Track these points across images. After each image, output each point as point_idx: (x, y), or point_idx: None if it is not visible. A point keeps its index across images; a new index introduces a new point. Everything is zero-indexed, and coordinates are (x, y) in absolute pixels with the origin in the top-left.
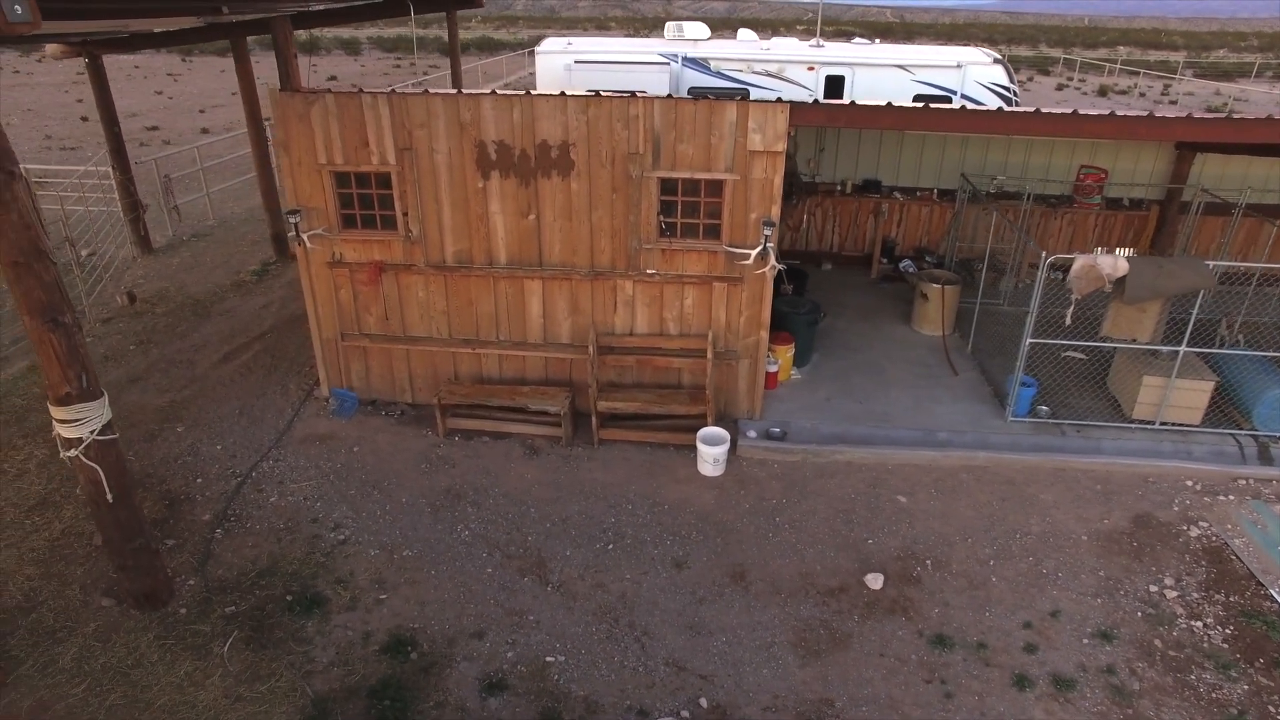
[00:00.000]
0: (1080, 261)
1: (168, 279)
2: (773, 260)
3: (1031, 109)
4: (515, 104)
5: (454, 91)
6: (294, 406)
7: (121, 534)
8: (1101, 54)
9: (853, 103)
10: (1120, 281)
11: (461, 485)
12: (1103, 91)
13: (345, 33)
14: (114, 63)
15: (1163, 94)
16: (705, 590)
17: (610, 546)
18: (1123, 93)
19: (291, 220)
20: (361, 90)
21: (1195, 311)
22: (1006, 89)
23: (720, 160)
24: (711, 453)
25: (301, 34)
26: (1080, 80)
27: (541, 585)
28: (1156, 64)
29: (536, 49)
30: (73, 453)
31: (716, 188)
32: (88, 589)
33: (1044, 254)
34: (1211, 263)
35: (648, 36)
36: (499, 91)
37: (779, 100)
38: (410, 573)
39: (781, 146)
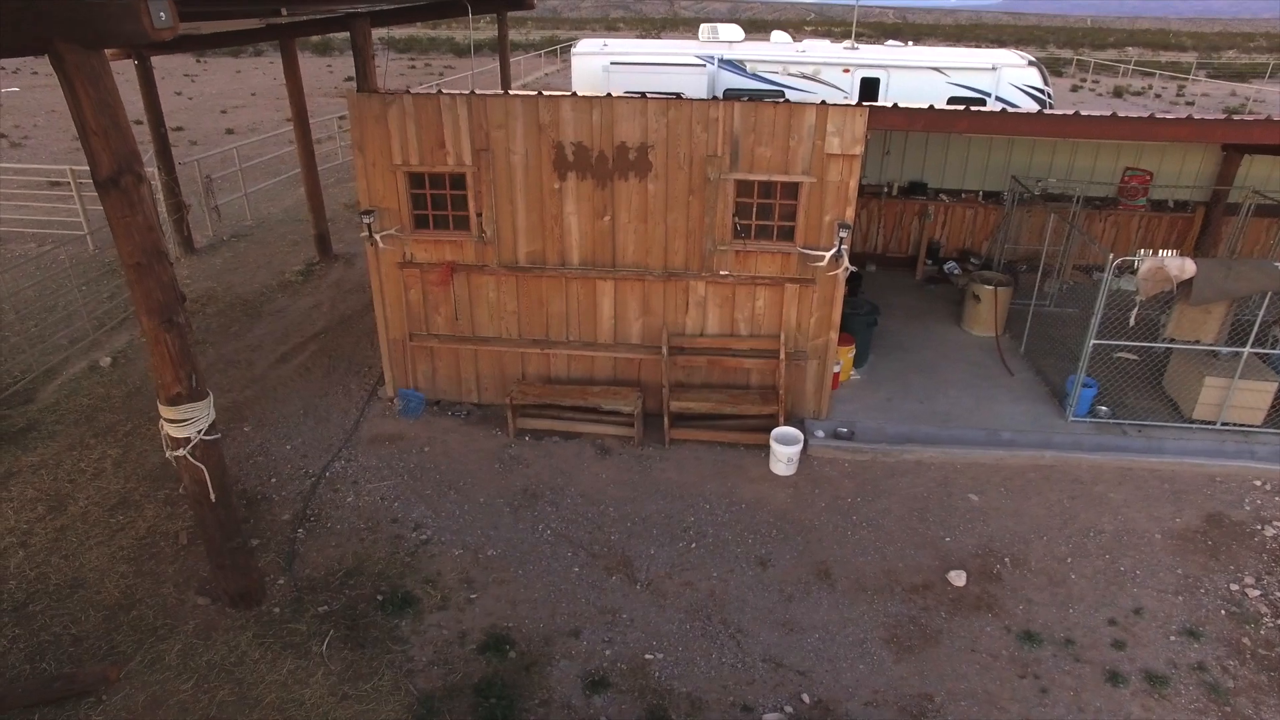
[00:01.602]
0: (1149, 263)
1: (214, 279)
2: (846, 262)
3: (1108, 113)
4: (595, 105)
5: (534, 94)
6: (358, 406)
7: (221, 533)
8: (1111, 55)
9: (931, 107)
10: (1186, 283)
11: (537, 485)
12: (1118, 93)
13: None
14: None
15: (1178, 95)
16: (792, 588)
17: (693, 545)
18: (1137, 94)
19: (365, 221)
20: (440, 91)
21: (1261, 313)
22: (1041, 91)
23: (798, 163)
24: (786, 452)
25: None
26: (1094, 81)
27: (630, 584)
28: (1167, 64)
29: (572, 50)
30: (180, 452)
31: (792, 190)
32: (181, 587)
33: (1111, 256)
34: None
35: (683, 37)
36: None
37: (859, 104)
38: (497, 572)
39: (859, 150)
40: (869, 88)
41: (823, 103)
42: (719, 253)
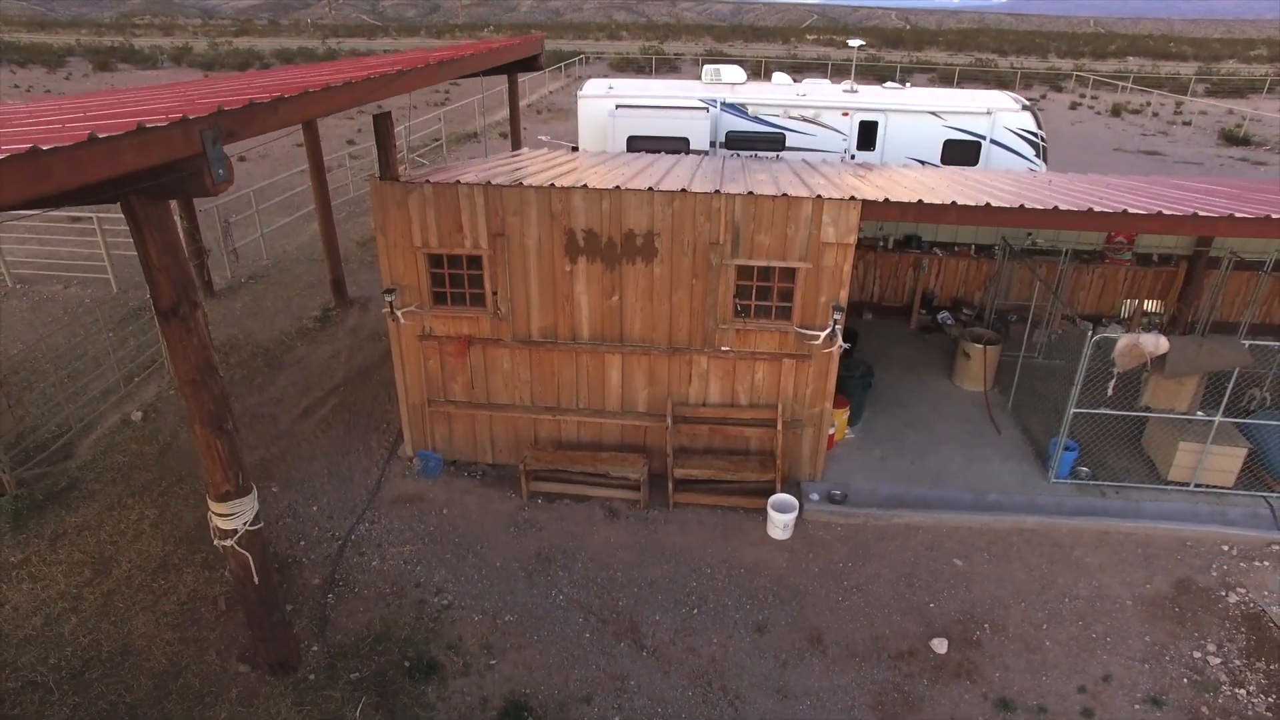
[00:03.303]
0: (1125, 340)
1: (234, 325)
2: (840, 341)
3: (1084, 209)
4: (604, 196)
5: (547, 185)
6: (379, 466)
7: (263, 609)
8: (1111, 65)
9: (920, 201)
10: (1161, 358)
11: (550, 549)
12: (1116, 111)
13: (362, 47)
14: (140, 79)
15: (1175, 113)
16: (787, 654)
17: (695, 611)
18: (1135, 111)
19: (387, 299)
20: (459, 181)
21: (1230, 386)
22: (1035, 135)
23: (795, 250)
24: (782, 519)
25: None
26: (1093, 98)
27: (637, 649)
28: (1167, 77)
29: (578, 93)
30: (228, 542)
31: (790, 274)
32: (223, 654)
33: (1089, 333)
34: (1248, 342)
35: (683, 78)
36: (588, 186)
37: (851, 199)
38: (514, 638)
39: (853, 239)
40: (867, 131)
41: (818, 197)
42: (721, 330)
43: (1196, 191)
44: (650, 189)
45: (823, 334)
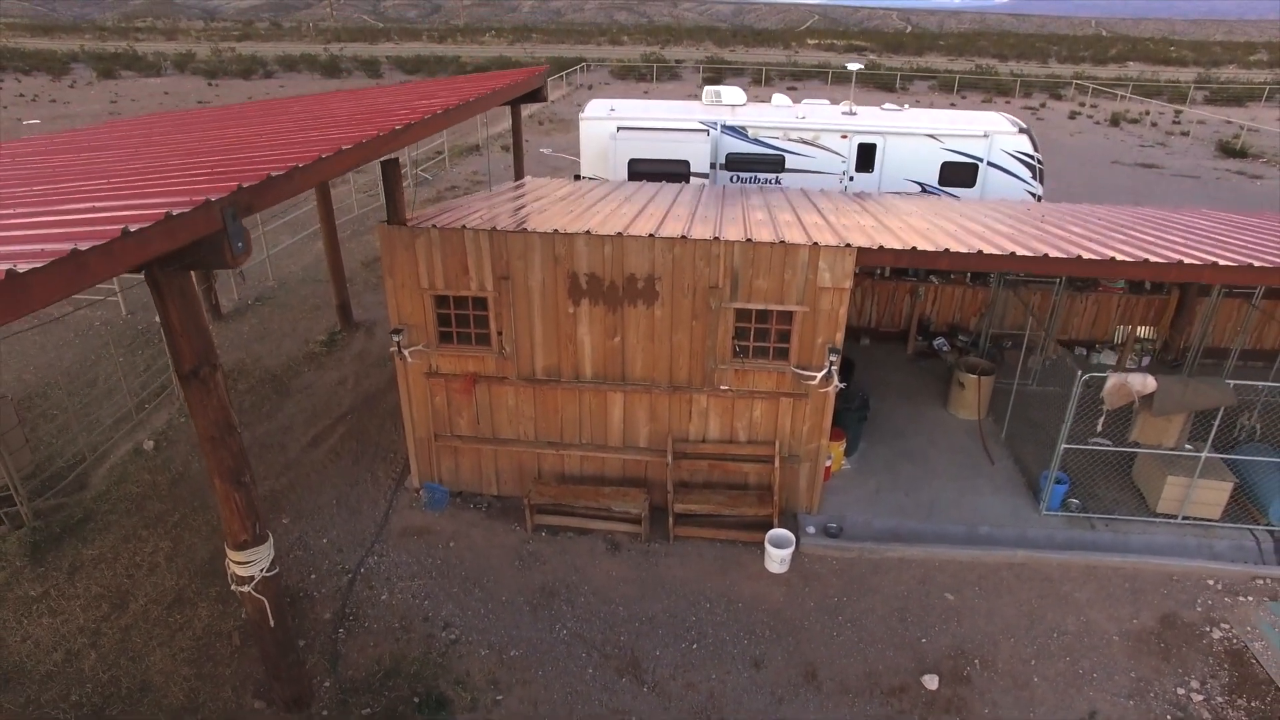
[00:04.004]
0: (1113, 380)
1: (242, 349)
2: (836, 381)
3: (1073, 256)
4: (606, 242)
5: (551, 231)
6: (387, 497)
7: (278, 650)
8: (1111, 71)
9: (914, 248)
10: (1149, 396)
11: (554, 582)
12: (1115, 121)
13: (364, 53)
14: (144, 87)
15: (1174, 122)
16: (783, 689)
17: (694, 646)
18: (1134, 121)
19: (395, 339)
20: (465, 227)
21: (1216, 423)
22: (1031, 157)
23: (792, 294)
24: (779, 554)
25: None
26: (1092, 107)
27: (638, 685)
28: (1167, 83)
29: (580, 115)
30: (245, 588)
31: (787, 317)
32: (239, 690)
33: (1080, 373)
34: (1232, 381)
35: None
36: (592, 233)
37: (846, 246)
38: (520, 673)
39: (848, 284)
40: (866, 153)
41: (815, 244)
42: (720, 370)
43: (1183, 230)
44: (651, 235)
45: (819, 374)
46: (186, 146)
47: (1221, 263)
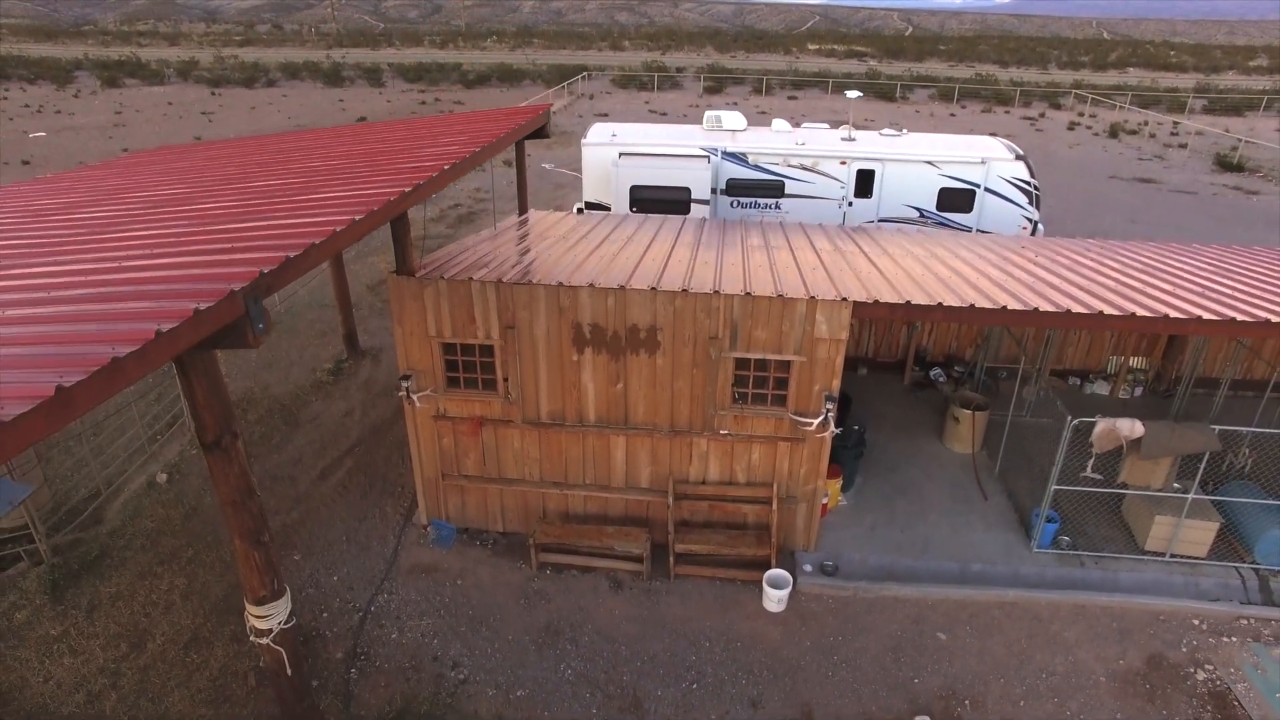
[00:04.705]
0: (1102, 425)
1: (250, 377)
2: (832, 427)
3: (1062, 310)
4: (609, 294)
5: (555, 283)
6: (395, 534)
7: (295, 695)
8: (1111, 77)
9: (908, 302)
10: (1137, 440)
11: (558, 621)
12: (1113, 132)
13: (366, 59)
14: (147, 96)
15: (1172, 134)
16: None
17: (694, 686)
18: (1133, 132)
19: (404, 384)
20: (472, 279)
21: (1202, 466)
22: (1027, 183)
23: (790, 345)
24: (776, 594)
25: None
26: (1091, 117)
27: None
28: (1166, 92)
29: (583, 140)
30: (264, 640)
31: (785, 366)
32: None
33: (1069, 419)
34: (1217, 427)
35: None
36: (595, 286)
37: (843, 300)
38: (526, 712)
39: (844, 335)
40: (865, 179)
41: (812, 298)
42: (719, 415)
43: (1171, 276)
44: (653, 289)
45: (816, 421)
46: (201, 210)
47: (1205, 316)
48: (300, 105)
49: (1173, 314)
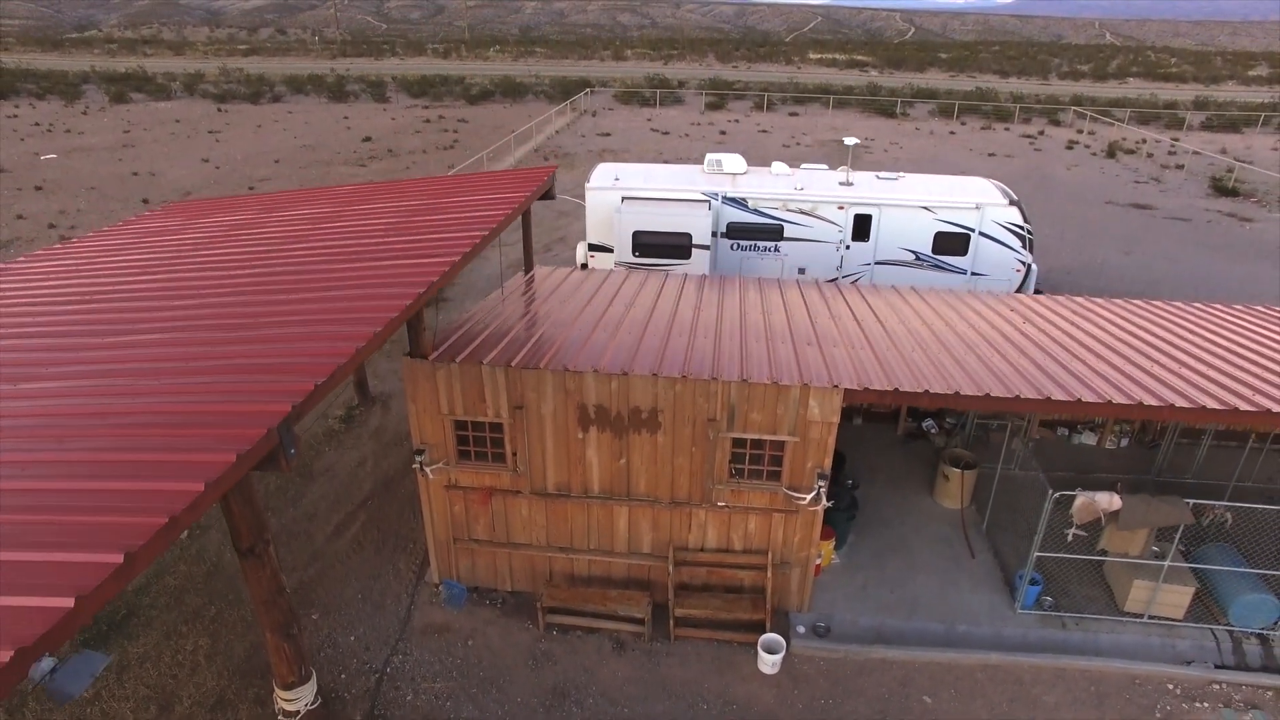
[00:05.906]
0: (1081, 499)
1: None
2: (824, 501)
3: (1043, 397)
4: (613, 379)
5: (562, 369)
6: (409, 592)
7: None
8: (1111, 87)
9: (896, 389)
10: (1115, 513)
11: (564, 683)
12: (1111, 152)
13: (370, 71)
14: (154, 113)
15: (1169, 153)
16: None
17: None
18: (1130, 152)
19: (418, 458)
20: (482, 363)
21: (1177, 537)
22: (1021, 228)
23: (784, 426)
24: (771, 659)
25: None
26: (1090, 134)
27: None
28: (1165, 107)
29: (586, 184)
30: None
31: (779, 446)
32: None
33: (1051, 492)
34: (1192, 501)
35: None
36: (597, 371)
37: (834, 386)
38: None
39: (836, 418)
40: (862, 223)
41: (805, 384)
42: (717, 489)
43: (1152, 351)
44: (654, 375)
45: (808, 495)
46: (223, 332)
47: (1178, 404)
48: (305, 123)
49: (1147, 401)
